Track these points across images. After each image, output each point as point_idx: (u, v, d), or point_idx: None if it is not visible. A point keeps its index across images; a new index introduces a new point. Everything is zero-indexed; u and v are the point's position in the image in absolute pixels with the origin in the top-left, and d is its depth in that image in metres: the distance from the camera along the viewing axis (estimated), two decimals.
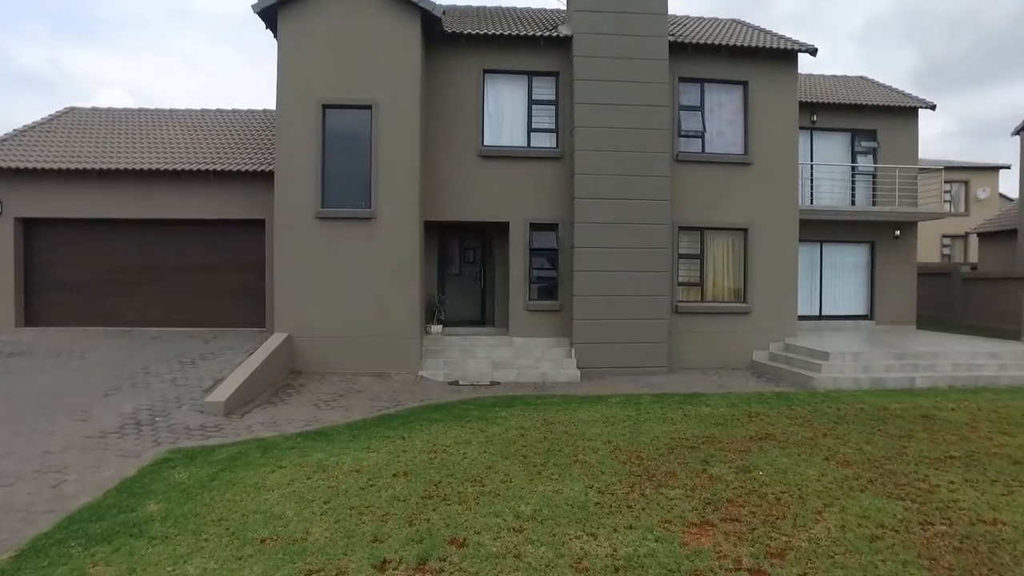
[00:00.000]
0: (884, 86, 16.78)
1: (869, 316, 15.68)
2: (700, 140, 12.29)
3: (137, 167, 11.74)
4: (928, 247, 25.85)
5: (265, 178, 11.68)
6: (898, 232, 15.58)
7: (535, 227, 11.91)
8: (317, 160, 10.65)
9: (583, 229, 11.31)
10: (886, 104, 15.33)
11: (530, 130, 11.94)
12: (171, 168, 11.77)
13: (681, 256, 12.17)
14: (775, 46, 12.10)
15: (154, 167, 11.77)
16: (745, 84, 12.31)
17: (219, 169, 11.82)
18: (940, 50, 76.68)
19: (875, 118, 15.43)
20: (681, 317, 11.96)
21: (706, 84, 12.30)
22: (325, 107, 10.76)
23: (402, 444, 6.81)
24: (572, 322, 11.40)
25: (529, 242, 11.78)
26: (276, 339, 10.38)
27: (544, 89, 11.95)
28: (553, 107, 11.95)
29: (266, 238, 11.83)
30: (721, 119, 12.42)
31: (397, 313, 10.73)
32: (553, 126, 11.98)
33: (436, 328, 12.31)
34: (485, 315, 13.31)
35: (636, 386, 10.42)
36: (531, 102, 11.92)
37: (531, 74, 11.90)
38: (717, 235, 12.38)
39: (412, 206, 10.75)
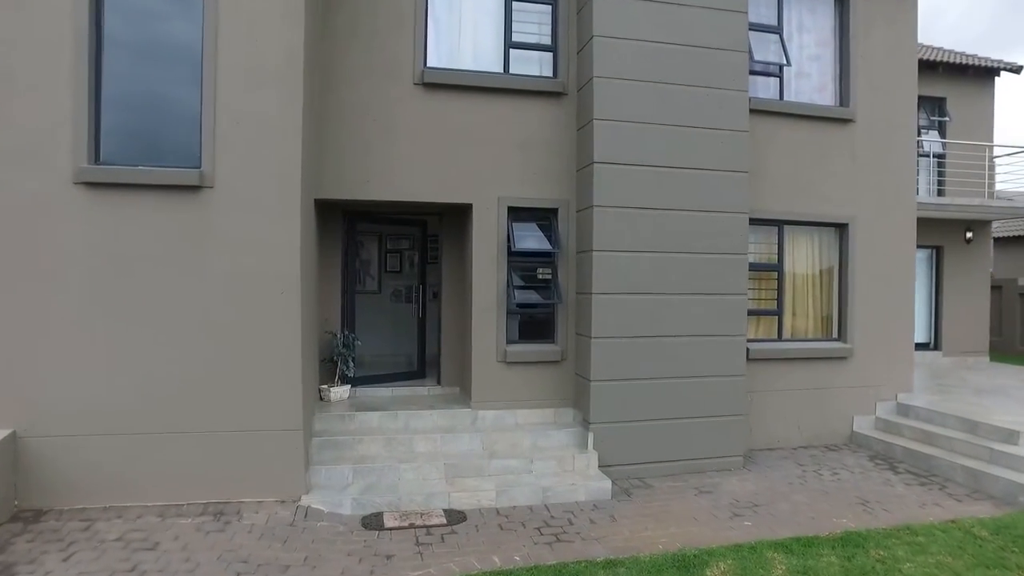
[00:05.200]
0: (939, 48, 13.04)
1: (934, 345, 11.82)
2: (778, 81, 7.68)
3: None
4: None
5: None
6: (970, 234, 11.81)
7: (517, 214, 6.84)
8: (81, 64, 5.03)
9: (607, 219, 6.36)
10: (961, 63, 11.49)
11: (508, 45, 6.86)
12: None
13: (749, 267, 7.47)
14: None
15: None
16: None
17: None
18: None
19: (945, 83, 11.58)
20: (750, 367, 7.25)
21: None
22: None
23: None
24: (587, 385, 6.42)
25: (507, 239, 6.70)
26: None
27: None
28: (549, 7, 6.93)
29: None
30: (803, 51, 7.88)
31: (256, 377, 5.31)
32: (549, 39, 6.95)
33: (339, 392, 6.95)
34: (426, 362, 8.05)
35: (715, 506, 5.63)
36: None
37: None
38: (801, 233, 7.80)
39: (289, 168, 5.37)
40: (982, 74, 11.72)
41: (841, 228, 7.79)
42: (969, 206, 10.64)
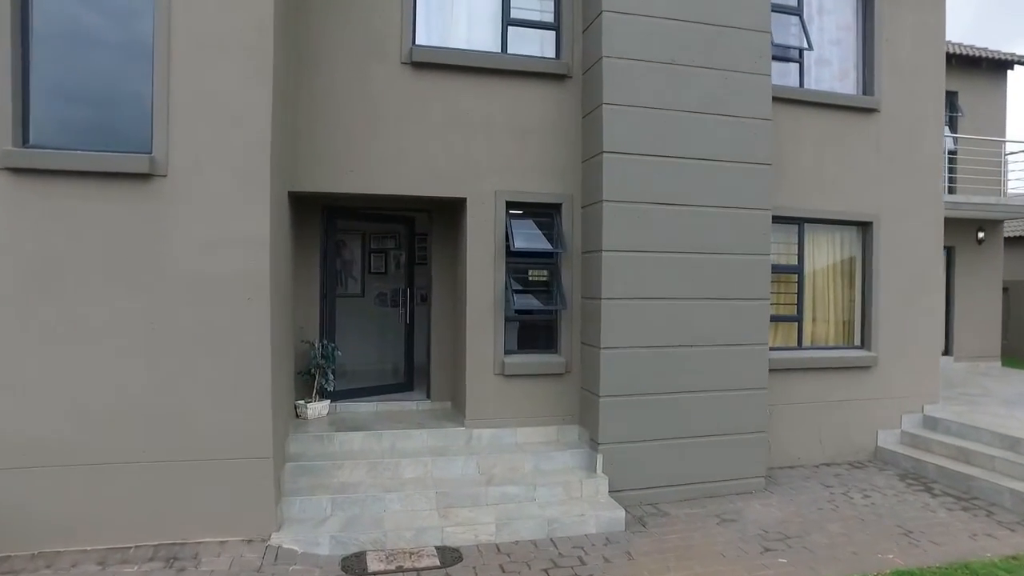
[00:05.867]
0: (948, 40, 12.58)
1: (944, 350, 11.29)
2: (798, 67, 7.07)
3: None
4: None
5: None
6: (982, 234, 11.34)
7: (516, 210, 6.17)
8: (2, 31, 4.26)
9: (617, 215, 5.70)
10: (974, 56, 11.01)
11: (506, 22, 6.18)
12: None
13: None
14: None
15: None
16: None
17: None
18: None
19: (957, 77, 11.07)
20: (769, 378, 6.61)
21: None
22: None
23: None
24: (595, 401, 5.76)
25: (506, 238, 6.02)
26: None
27: None
28: None
29: None
30: (823, 35, 7.28)
31: (219, 397, 4.57)
32: (551, 16, 6.29)
33: (317, 408, 6.22)
34: (413, 373, 7.33)
35: (741, 538, 4.99)
36: None
37: None
38: (822, 232, 7.20)
39: (257, 155, 4.63)
40: (995, 67, 11.26)
41: (864, 226, 7.20)
42: (985, 205, 10.14)
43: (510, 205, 6.07)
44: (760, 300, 6.09)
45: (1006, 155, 10.96)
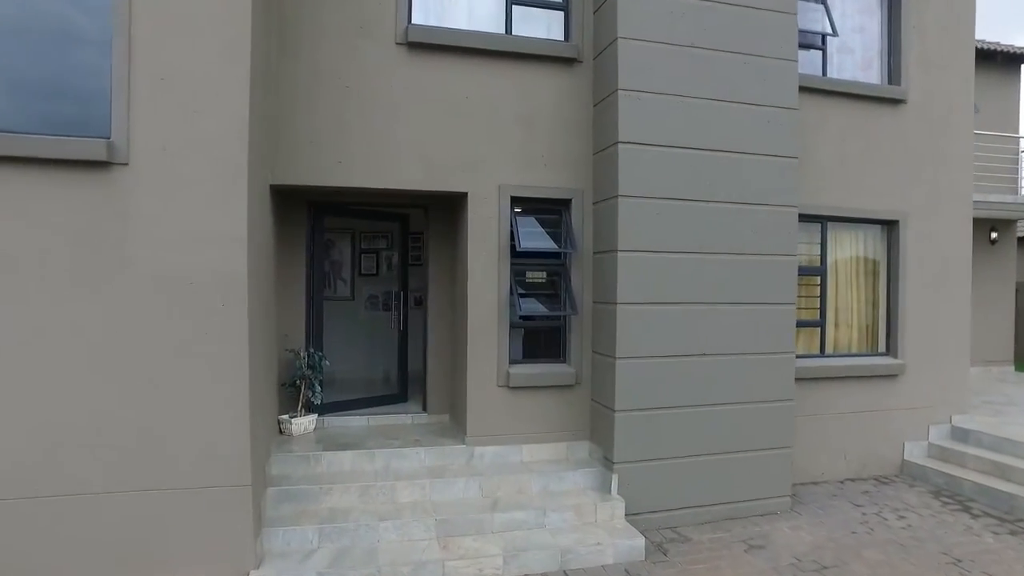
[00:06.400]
0: None
1: None
2: (820, 54, 6.61)
3: None
4: None
5: None
6: (995, 234, 10.98)
7: (521, 206, 5.65)
8: None
9: (633, 212, 5.19)
10: (988, 49, 10.64)
11: (511, 1, 5.66)
12: None
13: None
14: None
15: None
16: None
17: None
18: None
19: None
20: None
21: None
22: None
23: None
24: (610, 416, 5.24)
25: (510, 237, 5.50)
26: None
27: None
28: None
29: None
30: (845, 21, 6.83)
31: (189, 418, 4.00)
32: None
33: (303, 423, 5.67)
34: (407, 383, 6.79)
35: (774, 568, 4.50)
36: None
37: None
38: (845, 231, 6.74)
39: (232, 142, 4.07)
40: (1008, 61, 10.89)
41: (890, 225, 6.76)
42: (999, 203, 9.76)
43: (515, 201, 5.55)
44: (786, 304, 5.61)
45: (1021, 152, 10.59)
